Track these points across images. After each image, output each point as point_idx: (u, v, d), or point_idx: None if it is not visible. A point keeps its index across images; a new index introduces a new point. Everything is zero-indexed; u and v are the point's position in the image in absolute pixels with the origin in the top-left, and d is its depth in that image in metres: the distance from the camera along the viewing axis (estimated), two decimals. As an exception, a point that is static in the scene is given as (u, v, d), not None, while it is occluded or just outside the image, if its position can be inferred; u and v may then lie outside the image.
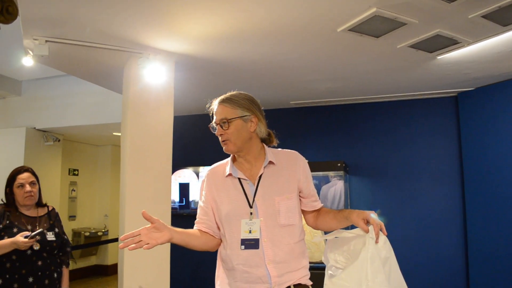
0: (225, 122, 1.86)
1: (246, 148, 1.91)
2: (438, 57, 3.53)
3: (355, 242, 1.74)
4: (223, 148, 1.91)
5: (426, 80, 4.23)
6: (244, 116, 1.88)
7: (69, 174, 7.81)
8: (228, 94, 1.94)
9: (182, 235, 1.83)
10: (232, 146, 1.88)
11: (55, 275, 2.81)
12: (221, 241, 1.95)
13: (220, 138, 1.89)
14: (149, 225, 1.72)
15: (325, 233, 1.99)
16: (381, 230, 1.68)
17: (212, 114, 1.95)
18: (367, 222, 1.71)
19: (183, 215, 5.25)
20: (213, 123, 1.92)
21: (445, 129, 4.79)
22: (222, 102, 1.91)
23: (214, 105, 1.94)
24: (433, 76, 4.09)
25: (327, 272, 1.88)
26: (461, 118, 4.66)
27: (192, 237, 1.89)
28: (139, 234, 1.69)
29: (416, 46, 3.29)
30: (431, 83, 4.32)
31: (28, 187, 2.77)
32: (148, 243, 1.68)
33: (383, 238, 1.67)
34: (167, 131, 3.51)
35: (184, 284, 5.33)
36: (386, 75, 4.05)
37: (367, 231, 1.69)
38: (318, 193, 4.12)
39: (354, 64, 3.75)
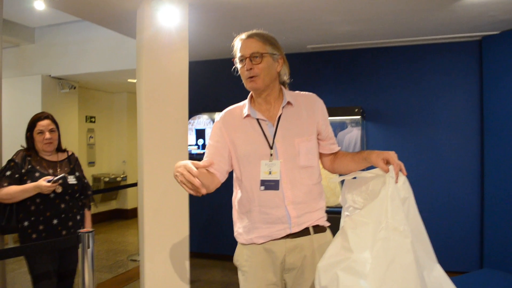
0: (257, 57, 1.80)
1: (270, 88, 1.88)
2: (464, -3, 3.38)
3: (374, 182, 1.74)
4: (248, 85, 1.85)
5: (449, 23, 4.06)
6: (273, 54, 1.84)
7: (86, 121, 7.90)
8: (254, 30, 1.87)
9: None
10: (260, 83, 1.82)
11: (78, 217, 2.90)
12: (219, 185, 1.91)
13: (246, 74, 1.82)
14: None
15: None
16: (400, 170, 1.67)
17: (234, 50, 1.88)
18: (387, 162, 1.70)
19: (199, 160, 5.30)
20: (237, 59, 1.86)
21: (467, 75, 4.64)
22: (253, 36, 1.84)
23: (240, 39, 1.87)
24: (458, 19, 3.92)
25: (344, 213, 1.90)
26: (484, 63, 4.50)
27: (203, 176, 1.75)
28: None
29: (441, -16, 3.13)
30: (455, 26, 4.15)
31: (47, 134, 2.81)
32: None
33: (402, 178, 1.67)
34: (182, 76, 3.47)
35: (203, 226, 5.49)
36: (409, 16, 3.89)
37: (387, 171, 1.67)
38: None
39: (375, 5, 3.59)
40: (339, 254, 1.63)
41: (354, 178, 1.87)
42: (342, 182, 1.96)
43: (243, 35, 1.86)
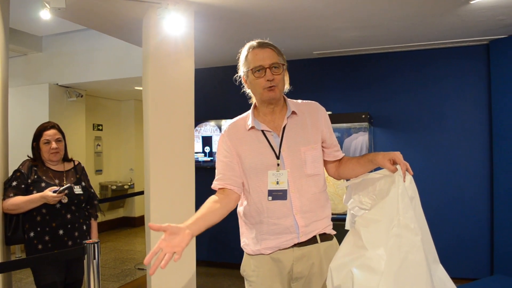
0: (277, 67, 1.80)
1: (280, 98, 1.89)
2: (472, 2, 3.33)
3: (381, 182, 1.74)
4: (268, 94, 1.81)
5: (457, 27, 4.02)
6: (284, 64, 1.86)
7: (93, 129, 7.92)
8: (260, 40, 1.87)
9: (200, 224, 1.67)
10: (278, 93, 1.83)
11: (84, 227, 2.89)
12: (239, 199, 1.92)
13: (266, 84, 1.79)
14: (163, 236, 1.51)
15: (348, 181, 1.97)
16: (407, 169, 1.67)
17: (247, 59, 1.84)
18: (393, 163, 1.69)
19: (206, 168, 5.29)
20: (251, 69, 1.81)
21: (475, 79, 4.60)
22: (267, 46, 1.84)
23: (252, 49, 1.84)
24: (465, 23, 3.89)
25: (349, 212, 1.91)
26: (492, 67, 4.46)
27: (210, 217, 1.74)
28: (160, 249, 1.48)
29: (448, -11, 3.10)
30: (462, 30, 4.11)
31: (54, 144, 2.81)
32: (175, 252, 1.48)
33: (409, 178, 1.67)
34: (188, 84, 3.46)
35: (211, 235, 5.46)
36: (415, 22, 3.86)
37: (394, 171, 1.68)
38: (341, 145, 4.08)
39: (383, 11, 3.57)
40: (352, 252, 1.64)
41: (360, 180, 1.87)
42: None
43: (255, 44, 1.85)
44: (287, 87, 1.94)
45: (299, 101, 1.98)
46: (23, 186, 2.70)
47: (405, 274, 1.53)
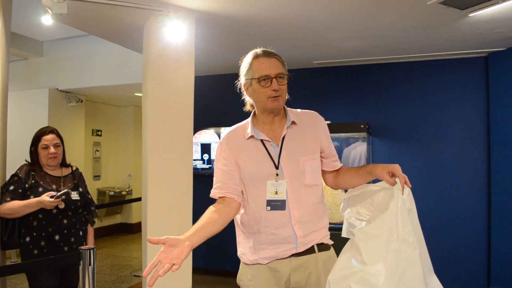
0: (282, 77, 1.80)
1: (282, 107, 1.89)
2: (470, 15, 3.35)
3: (380, 194, 1.74)
4: (272, 104, 1.79)
5: (456, 40, 4.05)
6: (288, 75, 1.85)
7: (92, 134, 7.92)
8: (263, 48, 1.86)
9: (200, 235, 1.66)
10: (282, 102, 1.83)
11: (81, 233, 2.88)
12: (240, 207, 1.90)
13: (271, 93, 1.77)
14: (162, 248, 1.51)
15: (346, 191, 1.96)
16: (405, 182, 1.67)
17: (252, 68, 1.82)
18: (392, 175, 1.69)
19: (205, 175, 5.28)
20: (256, 78, 1.79)
21: (473, 91, 4.62)
22: (273, 55, 1.82)
23: (257, 58, 1.81)
24: (464, 35, 3.91)
25: (346, 220, 1.91)
26: (490, 79, 4.48)
27: (210, 228, 1.72)
28: (159, 262, 1.48)
29: (447, 2, 3.10)
30: (461, 42, 4.13)
31: (52, 149, 2.80)
32: (174, 264, 1.47)
33: (407, 190, 1.68)
34: (188, 91, 3.47)
35: (208, 242, 5.41)
36: (415, 33, 3.88)
37: (393, 184, 1.68)
38: (340, 155, 4.07)
39: (382, 22, 3.59)
40: (351, 266, 1.64)
41: (357, 192, 1.87)
42: None
43: (261, 53, 1.83)
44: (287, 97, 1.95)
45: (298, 110, 1.97)
46: (20, 190, 2.70)
47: None
